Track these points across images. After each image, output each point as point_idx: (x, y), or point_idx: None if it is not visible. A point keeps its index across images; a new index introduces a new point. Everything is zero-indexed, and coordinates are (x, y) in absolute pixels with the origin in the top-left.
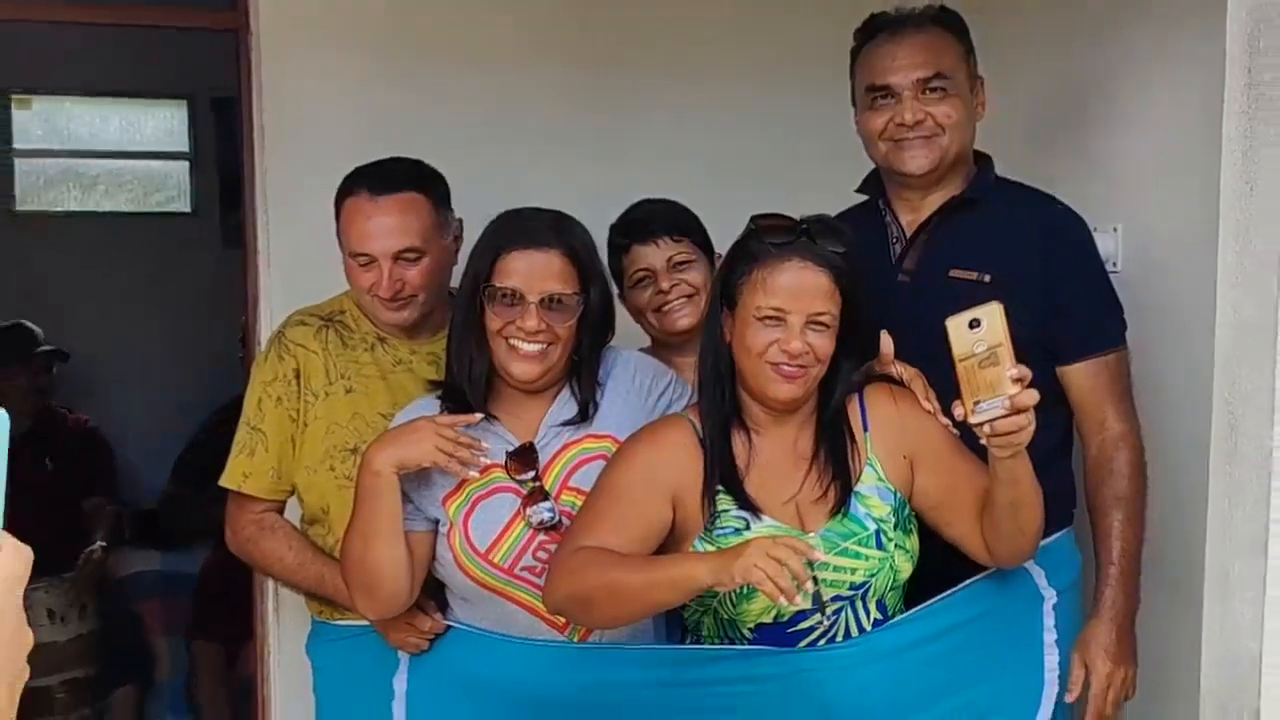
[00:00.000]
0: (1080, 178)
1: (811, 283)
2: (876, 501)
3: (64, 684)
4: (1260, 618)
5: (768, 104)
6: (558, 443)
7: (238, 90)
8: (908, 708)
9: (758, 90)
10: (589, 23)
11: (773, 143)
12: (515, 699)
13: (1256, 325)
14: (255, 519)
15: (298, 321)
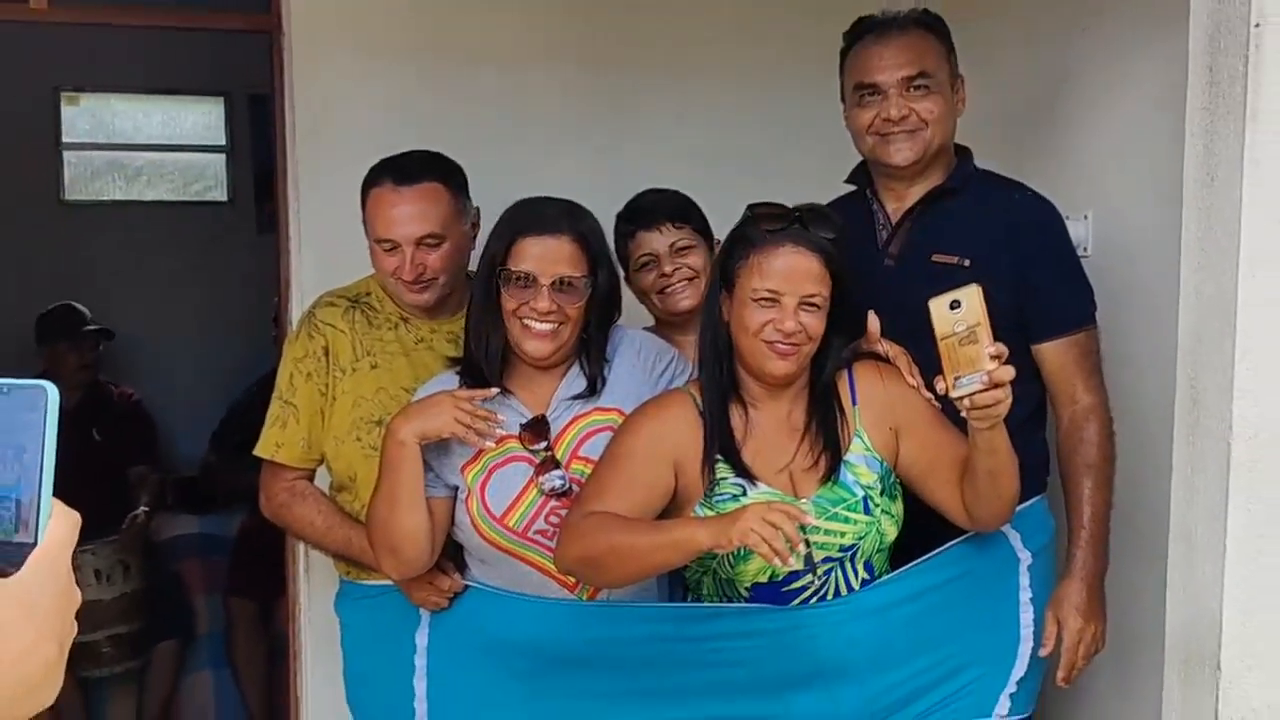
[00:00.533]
0: (1053, 168)
1: (804, 266)
2: (864, 470)
3: (109, 639)
4: (1221, 577)
5: (762, 101)
6: (568, 415)
7: (271, 88)
8: (893, 660)
9: (753, 88)
10: (597, 26)
11: (767, 136)
12: (528, 653)
13: (1217, 306)
14: (287, 486)
15: (327, 303)
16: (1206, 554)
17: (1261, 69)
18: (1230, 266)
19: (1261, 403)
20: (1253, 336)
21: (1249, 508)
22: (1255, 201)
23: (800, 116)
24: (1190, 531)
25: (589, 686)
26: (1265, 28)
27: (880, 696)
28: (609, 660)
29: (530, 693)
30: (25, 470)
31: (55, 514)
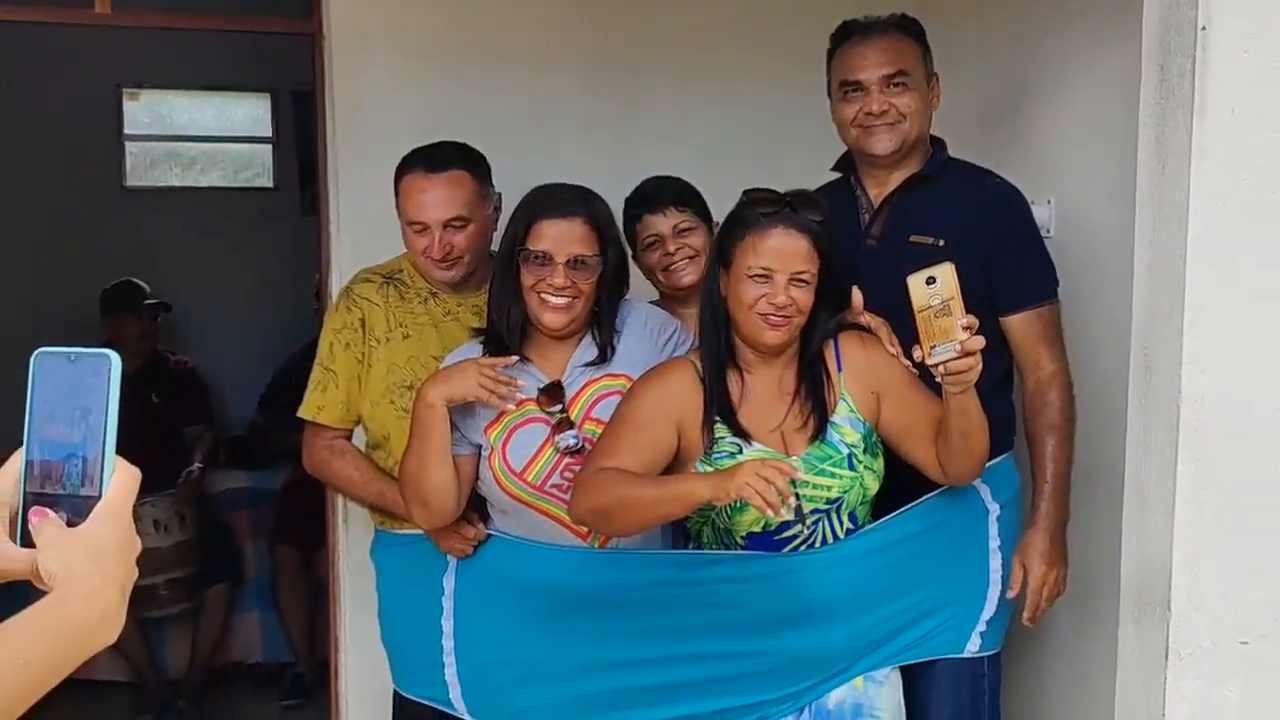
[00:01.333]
0: (1019, 158)
1: (793, 246)
2: (849, 430)
3: (167, 583)
4: (1170, 527)
5: (756, 97)
6: (581, 380)
7: (312, 85)
8: (874, 602)
9: (748, 85)
10: (607, 28)
11: (760, 129)
12: (545, 595)
13: (1168, 283)
14: (327, 444)
15: (363, 279)
16: (1157, 506)
17: (1208, 68)
18: (1179, 247)
19: (1208, 370)
20: (1200, 310)
21: (1196, 465)
22: (1202, 189)
23: (790, 111)
24: (1143, 486)
25: (599, 625)
26: (1211, 30)
27: (863, 634)
28: (618, 601)
29: (547, 630)
30: (91, 430)
31: (118, 470)
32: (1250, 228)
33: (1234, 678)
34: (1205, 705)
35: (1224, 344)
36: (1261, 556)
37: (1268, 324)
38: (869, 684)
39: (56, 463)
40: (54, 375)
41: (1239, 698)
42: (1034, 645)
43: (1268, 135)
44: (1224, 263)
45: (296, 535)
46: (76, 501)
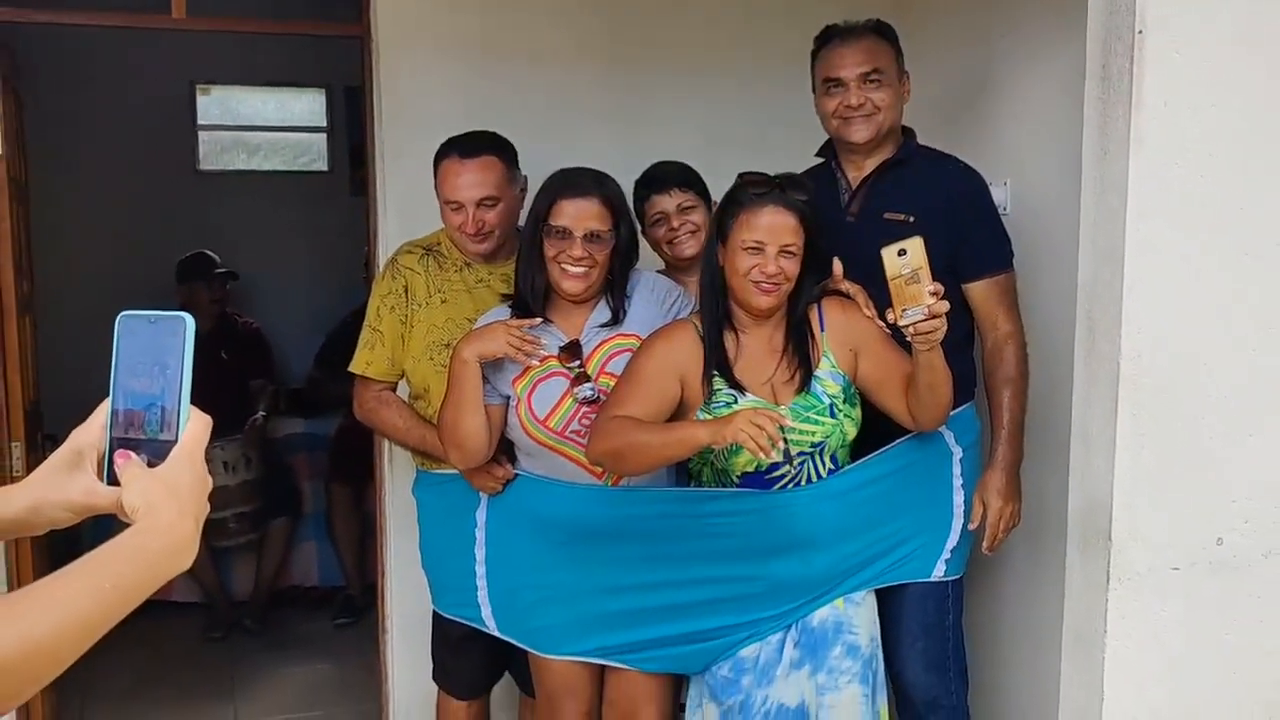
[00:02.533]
0: (979, 145)
1: (782, 222)
2: (830, 382)
3: (234, 517)
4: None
5: (751, 91)
6: (596, 339)
7: (362, 81)
8: (853, 533)
9: (743, 81)
10: (621, 31)
11: (754, 119)
12: (564, 526)
13: (1109, 254)
14: (375, 395)
15: (406, 250)
16: (1100, 450)
17: (1144, 66)
18: (1119, 222)
19: (1144, 330)
20: (1137, 277)
21: (1133, 413)
22: (1139, 171)
23: (779, 104)
24: (1087, 432)
25: (612, 553)
26: (1146, 34)
27: (843, 561)
28: (628, 532)
29: (565, 557)
30: (168, 383)
31: (192, 417)
32: (1181, 205)
33: (1167, 599)
34: (1142, 623)
35: (1158, 307)
36: (1191, 493)
37: (1197, 289)
38: (848, 605)
39: (139, 411)
40: (136, 335)
41: (1171, 617)
42: (992, 571)
43: (1196, 124)
44: (1158, 236)
45: (348, 474)
46: (156, 445)
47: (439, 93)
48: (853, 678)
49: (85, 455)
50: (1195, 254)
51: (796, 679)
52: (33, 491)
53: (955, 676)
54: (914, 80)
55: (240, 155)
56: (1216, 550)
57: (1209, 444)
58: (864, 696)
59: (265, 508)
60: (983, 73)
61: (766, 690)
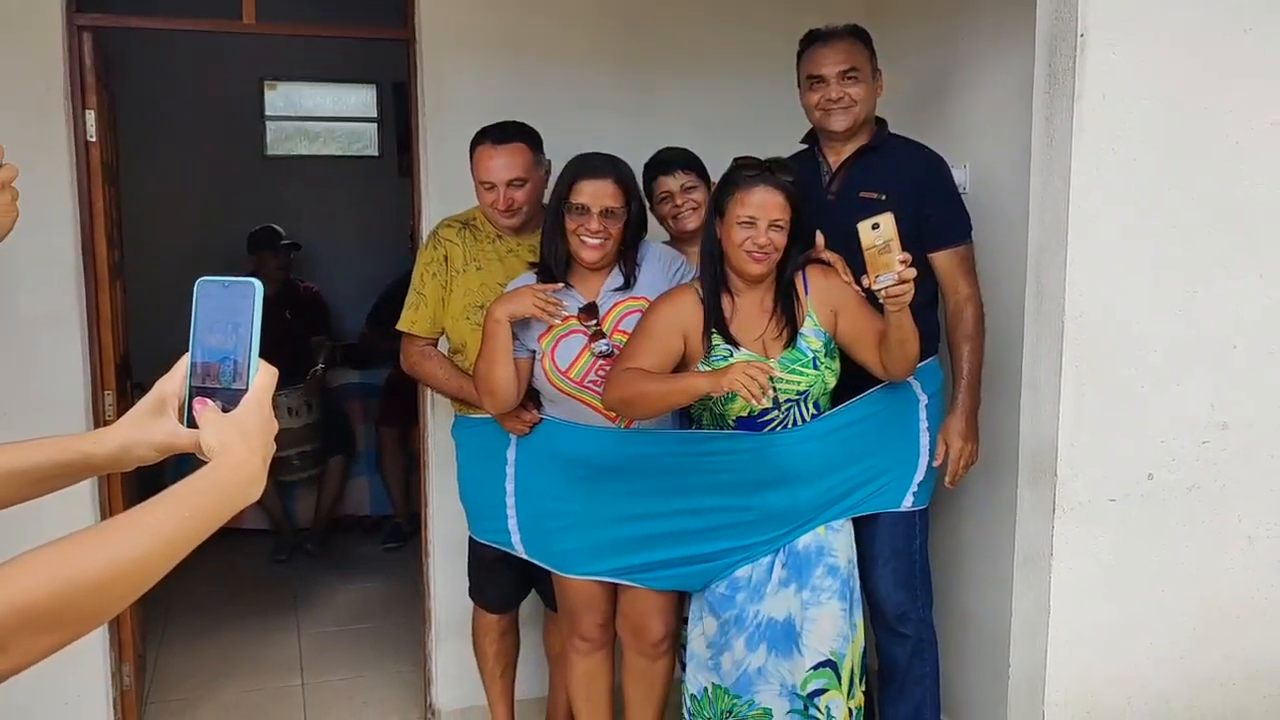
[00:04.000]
0: (943, 132)
1: (772, 200)
2: (813, 339)
3: (297, 454)
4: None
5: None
6: (611, 302)
7: (408, 77)
8: (833, 468)
9: (737, 79)
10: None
11: (746, 111)
12: (583, 463)
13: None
14: (419, 350)
15: (445, 224)
16: (1047, 396)
17: (1085, 64)
18: (1063, 201)
19: (1085, 294)
20: (1079, 248)
21: (1075, 365)
22: (1080, 155)
23: (770, 97)
24: (1036, 381)
25: (624, 486)
26: (1088, 37)
27: (825, 493)
28: (638, 468)
29: (585, 490)
30: (240, 339)
31: (261, 369)
32: (1117, 185)
33: (1105, 527)
34: (1083, 547)
35: (1097, 273)
36: (1125, 434)
37: (1130, 257)
38: (829, 532)
39: (214, 364)
40: (212, 297)
41: (1108, 541)
42: (955, 502)
43: (1129, 115)
44: (1096, 213)
45: (395, 418)
46: (229, 393)
47: (475, 88)
48: (833, 594)
49: (168, 402)
50: (1129, 227)
51: (784, 595)
52: (123, 433)
53: (921, 593)
54: (887, 77)
55: (302, 142)
56: (1147, 484)
57: (1141, 392)
58: (843, 610)
59: (324, 447)
60: (946, 71)
61: (758, 605)
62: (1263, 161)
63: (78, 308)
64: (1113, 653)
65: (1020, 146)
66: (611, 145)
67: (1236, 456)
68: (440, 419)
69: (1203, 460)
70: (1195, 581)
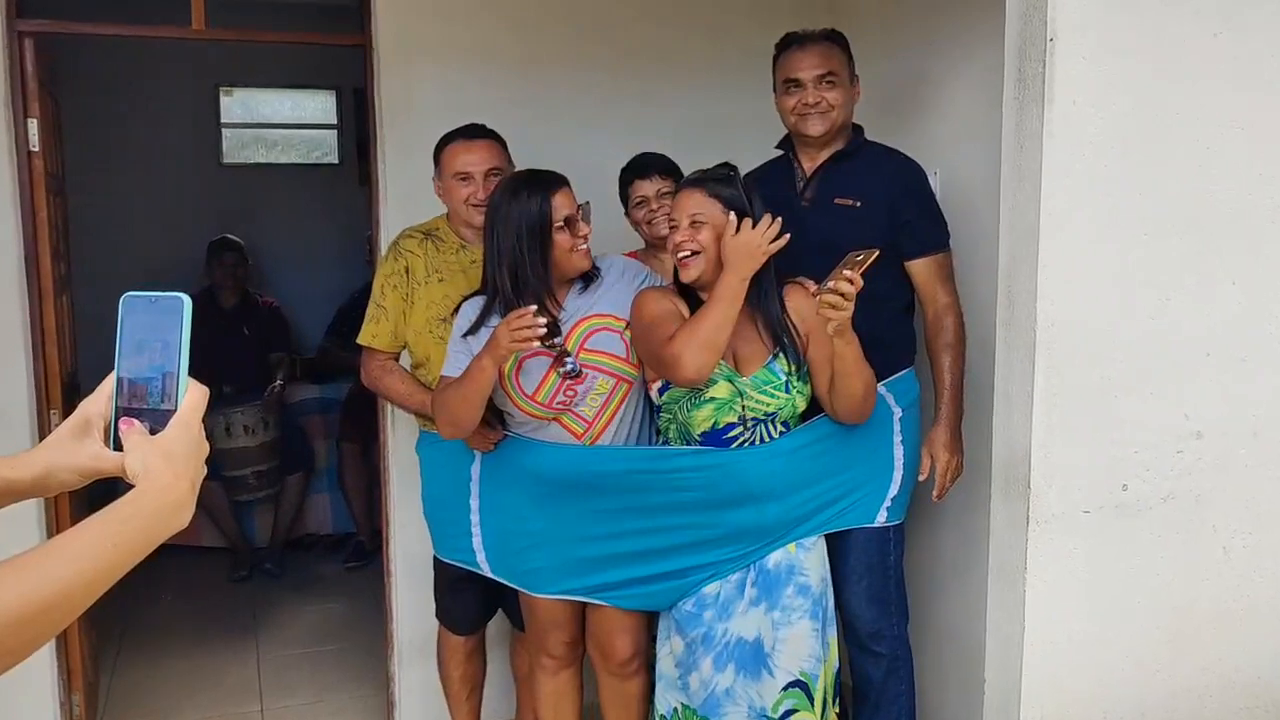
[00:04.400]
0: (913, 138)
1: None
2: (787, 361)
3: (254, 473)
4: (1029, 424)
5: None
6: (576, 316)
7: (365, 84)
8: (802, 484)
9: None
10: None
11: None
12: (547, 480)
13: (1025, 235)
14: (380, 364)
15: (407, 235)
16: (1019, 407)
17: (1055, 69)
18: (1034, 208)
19: (1056, 303)
20: (1050, 255)
21: (1047, 375)
22: (1051, 161)
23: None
24: (1008, 392)
25: (590, 504)
26: (1057, 42)
27: (793, 510)
28: (604, 486)
29: (551, 508)
30: (169, 357)
31: (190, 389)
32: (1087, 191)
33: (1079, 538)
34: (1056, 559)
35: (1068, 283)
36: (1099, 444)
37: (1099, 266)
38: (800, 550)
39: (141, 383)
40: (139, 313)
41: (1083, 553)
42: (931, 517)
43: (1100, 121)
44: (1067, 220)
45: (356, 434)
46: (157, 414)
47: (434, 95)
48: (804, 613)
49: (93, 423)
50: (1100, 233)
51: (754, 615)
52: (45, 457)
53: (896, 610)
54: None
55: (260, 150)
56: (1121, 495)
57: (1114, 402)
58: (814, 630)
59: (282, 465)
60: (915, 76)
61: (726, 624)
62: (1232, 166)
63: (21, 322)
64: (1088, 666)
65: (992, 153)
66: (576, 154)
67: (1211, 465)
68: (402, 434)
69: (1177, 469)
70: (1171, 593)
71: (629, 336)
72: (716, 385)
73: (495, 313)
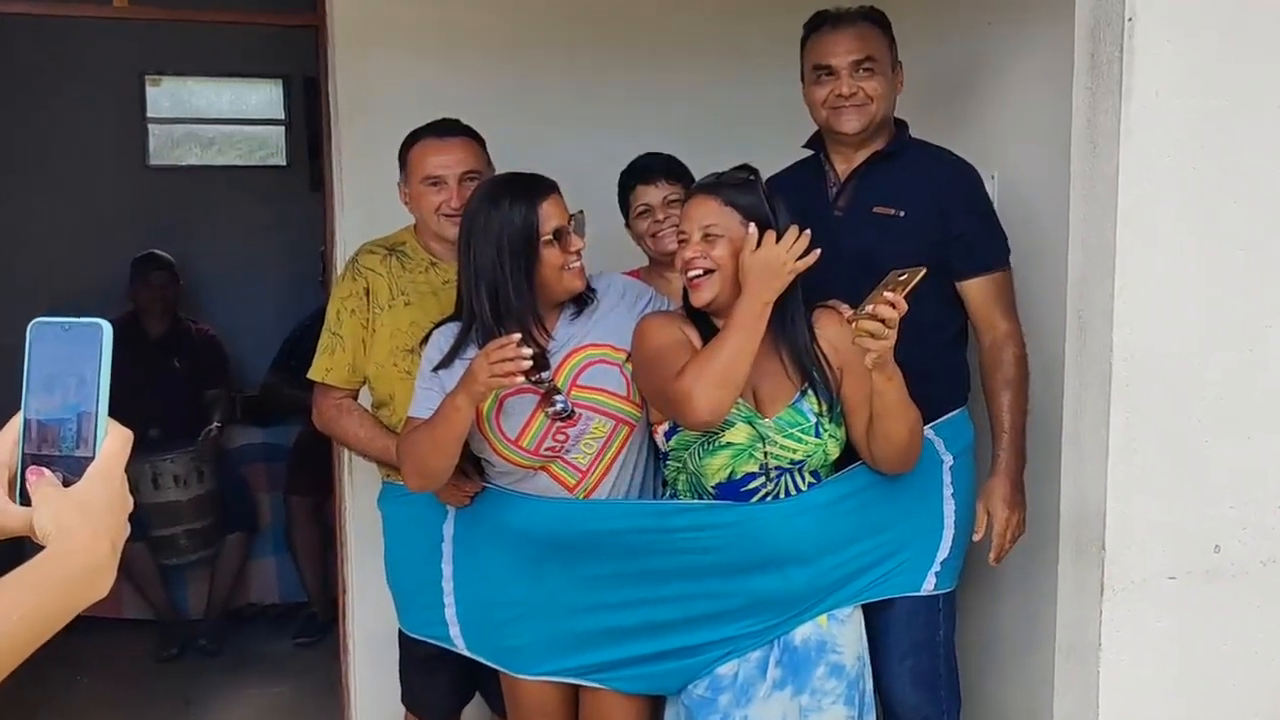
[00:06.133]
0: (964, 137)
1: (701, 209)
2: (818, 400)
3: (186, 533)
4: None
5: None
6: (568, 346)
7: (318, 72)
8: (835, 546)
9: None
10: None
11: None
12: (534, 541)
13: (1099, 251)
14: (335, 403)
15: (368, 250)
16: (1092, 454)
17: (1134, 56)
18: (1110, 219)
19: (1136, 331)
20: (1128, 276)
21: (1126, 416)
22: (1129, 165)
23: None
24: (1079, 436)
25: (585, 568)
26: (1136, 22)
27: (825, 576)
28: (602, 547)
29: (538, 573)
30: (85, 395)
31: (111, 432)
32: (1172, 200)
33: (1163, 609)
34: (1137, 635)
35: (1150, 306)
36: (1186, 498)
37: (1188, 288)
38: (832, 622)
39: (52, 425)
40: (50, 343)
41: (1167, 628)
42: (984, 582)
43: (1187, 116)
44: (1149, 233)
45: (308, 485)
46: (72, 461)
47: (399, 86)
48: (837, 699)
49: None
50: (1188, 249)
51: (779, 700)
52: None
53: (947, 694)
54: None
55: (193, 150)
56: (1213, 558)
57: (1205, 447)
58: (849, 718)
59: (219, 522)
60: (969, 62)
61: (745, 710)
62: None
63: None
64: None
65: (1059, 153)
66: (568, 155)
67: None
68: (361, 487)
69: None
70: (1271, 672)
71: (630, 370)
72: (734, 428)
73: (472, 342)
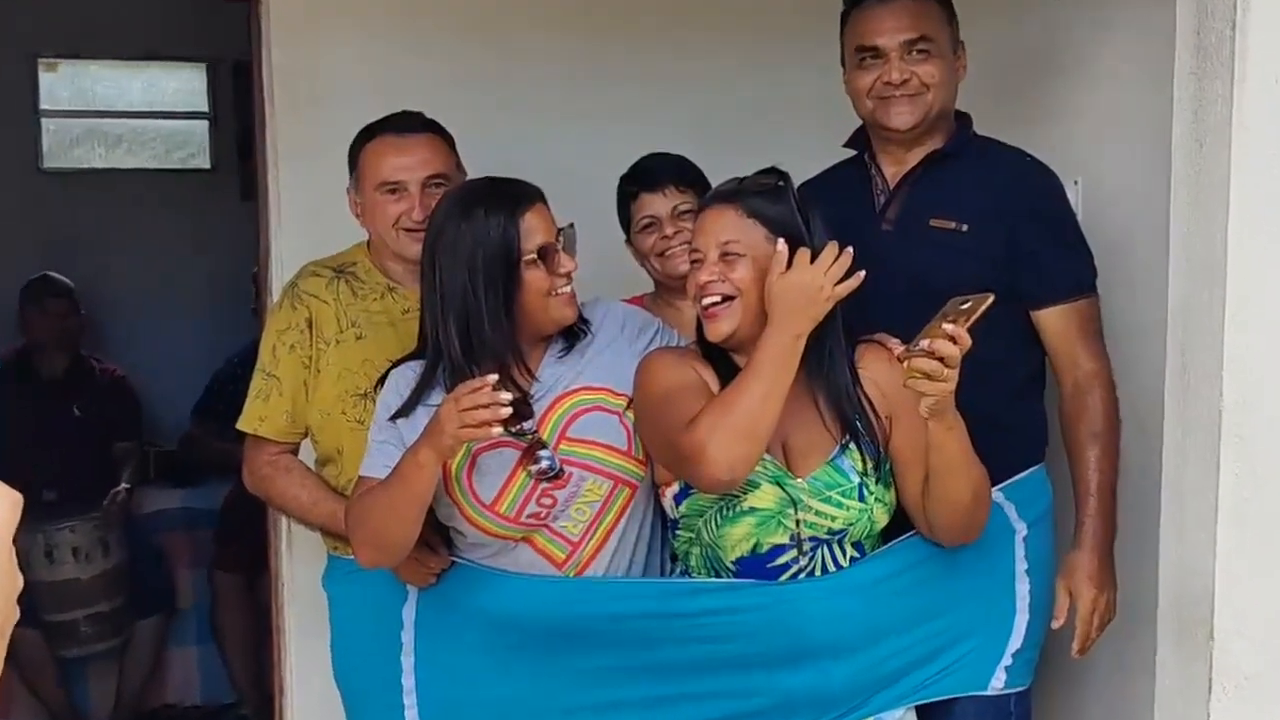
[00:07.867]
0: (1040, 135)
1: (716, 222)
2: (861, 456)
3: (88, 618)
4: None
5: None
6: (556, 391)
7: (251, 55)
8: (883, 633)
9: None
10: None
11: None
12: (515, 628)
13: (1207, 272)
14: (270, 460)
15: (311, 273)
16: (1198, 520)
17: (1249, 33)
18: (1219, 233)
19: (1253, 371)
20: (1242, 303)
21: (1239, 475)
22: (1244, 167)
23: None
24: (1182, 498)
25: (578, 662)
26: None
27: (871, 670)
28: (598, 636)
29: (519, 668)
30: None
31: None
32: None
33: None
34: None
35: (1270, 342)
36: None
37: None
38: None
39: None
40: None
41: None
42: (1067, 679)
43: None
44: (1269, 250)
45: (238, 560)
46: None
47: (350, 72)
48: None
49: None
50: None
51: None
52: None
53: None
54: None
55: (96, 149)
56: None
57: None
58: None
59: (129, 605)
60: (1045, 43)
61: None
62: None
63: None
64: None
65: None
66: (555, 156)
67: None
68: (302, 560)
69: None
70: None
71: (631, 419)
72: (758, 491)
73: (438, 385)
